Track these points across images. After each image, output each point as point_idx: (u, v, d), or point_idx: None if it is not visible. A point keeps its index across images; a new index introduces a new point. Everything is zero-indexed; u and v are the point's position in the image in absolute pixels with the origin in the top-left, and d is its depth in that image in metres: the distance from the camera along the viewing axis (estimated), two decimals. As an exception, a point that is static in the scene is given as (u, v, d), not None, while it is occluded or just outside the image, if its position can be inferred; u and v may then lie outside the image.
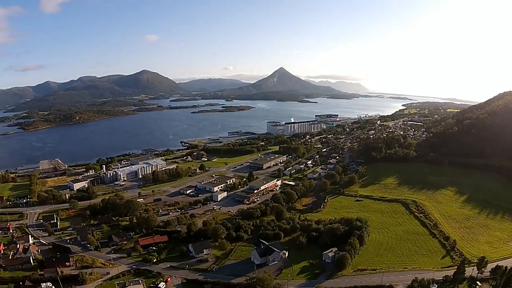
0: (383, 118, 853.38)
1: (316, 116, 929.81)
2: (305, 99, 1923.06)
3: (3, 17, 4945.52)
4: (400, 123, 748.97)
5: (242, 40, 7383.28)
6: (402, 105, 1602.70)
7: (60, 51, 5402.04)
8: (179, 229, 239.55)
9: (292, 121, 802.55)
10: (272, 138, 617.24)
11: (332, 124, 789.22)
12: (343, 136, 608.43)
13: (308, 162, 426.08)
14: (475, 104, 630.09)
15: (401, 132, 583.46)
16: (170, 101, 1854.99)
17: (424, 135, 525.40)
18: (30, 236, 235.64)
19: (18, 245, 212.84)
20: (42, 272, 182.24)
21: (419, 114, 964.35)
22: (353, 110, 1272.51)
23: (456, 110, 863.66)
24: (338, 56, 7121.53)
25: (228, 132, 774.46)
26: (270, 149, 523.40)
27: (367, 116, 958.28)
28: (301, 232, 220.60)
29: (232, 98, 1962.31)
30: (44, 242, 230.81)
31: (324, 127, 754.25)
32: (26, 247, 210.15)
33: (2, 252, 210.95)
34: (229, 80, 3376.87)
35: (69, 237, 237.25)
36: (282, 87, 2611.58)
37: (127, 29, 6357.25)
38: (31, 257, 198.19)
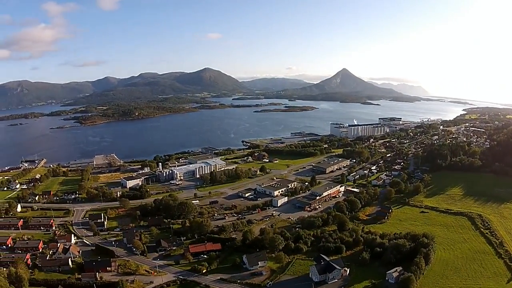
0: (445, 123, 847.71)
1: (379, 119, 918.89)
2: (368, 101, 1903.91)
3: (59, 13, 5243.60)
4: (462, 128, 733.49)
5: (305, 40, 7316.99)
6: (463, 109, 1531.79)
7: (120, 48, 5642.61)
8: (234, 236, 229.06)
9: (355, 123, 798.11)
10: (335, 141, 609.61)
11: (395, 127, 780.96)
12: (407, 141, 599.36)
13: (372, 168, 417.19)
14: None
15: (464, 139, 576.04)
16: (232, 99, 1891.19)
17: (487, 143, 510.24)
18: (72, 235, 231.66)
19: (58, 244, 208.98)
20: (79, 276, 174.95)
21: (480, 120, 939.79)
22: (415, 113, 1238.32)
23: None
24: (401, 58, 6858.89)
25: (291, 133, 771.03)
26: (334, 152, 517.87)
27: (429, 120, 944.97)
28: (364, 246, 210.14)
29: (295, 98, 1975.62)
30: (87, 243, 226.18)
31: (388, 130, 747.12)
32: (67, 247, 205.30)
33: (40, 250, 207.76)
34: (292, 79, 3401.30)
35: (114, 239, 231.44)
36: (345, 88, 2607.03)
37: (188, 27, 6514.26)
38: (70, 258, 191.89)
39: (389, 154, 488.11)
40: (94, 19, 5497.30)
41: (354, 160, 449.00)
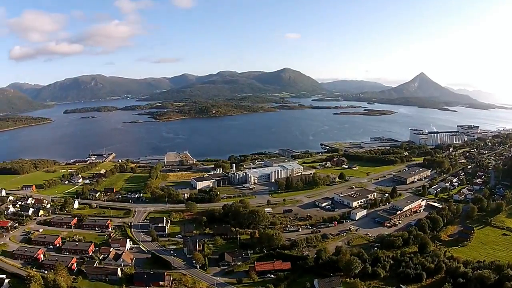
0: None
1: (457, 126, 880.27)
2: (445, 107, 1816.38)
3: (132, 10, 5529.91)
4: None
5: (384, 42, 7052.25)
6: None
7: (197, 45, 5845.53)
8: (306, 253, 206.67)
9: (434, 130, 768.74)
10: (415, 148, 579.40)
11: (473, 136, 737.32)
12: (486, 152, 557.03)
13: (453, 180, 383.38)
14: None
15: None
16: (312, 100, 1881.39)
17: None
18: (128, 239, 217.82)
19: (111, 249, 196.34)
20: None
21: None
22: (491, 121, 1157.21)
23: None
24: (477, 64, 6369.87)
25: (370, 138, 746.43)
26: (414, 160, 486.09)
27: (504, 129, 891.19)
28: (446, 275, 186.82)
29: (374, 101, 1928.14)
30: (144, 249, 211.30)
31: (466, 139, 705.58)
32: (120, 253, 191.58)
33: (90, 254, 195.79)
34: (370, 82, 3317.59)
35: (174, 247, 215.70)
36: (422, 93, 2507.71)
37: (265, 26, 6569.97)
38: (119, 268, 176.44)
39: (470, 166, 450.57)
40: (170, 17, 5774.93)
41: (435, 171, 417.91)
